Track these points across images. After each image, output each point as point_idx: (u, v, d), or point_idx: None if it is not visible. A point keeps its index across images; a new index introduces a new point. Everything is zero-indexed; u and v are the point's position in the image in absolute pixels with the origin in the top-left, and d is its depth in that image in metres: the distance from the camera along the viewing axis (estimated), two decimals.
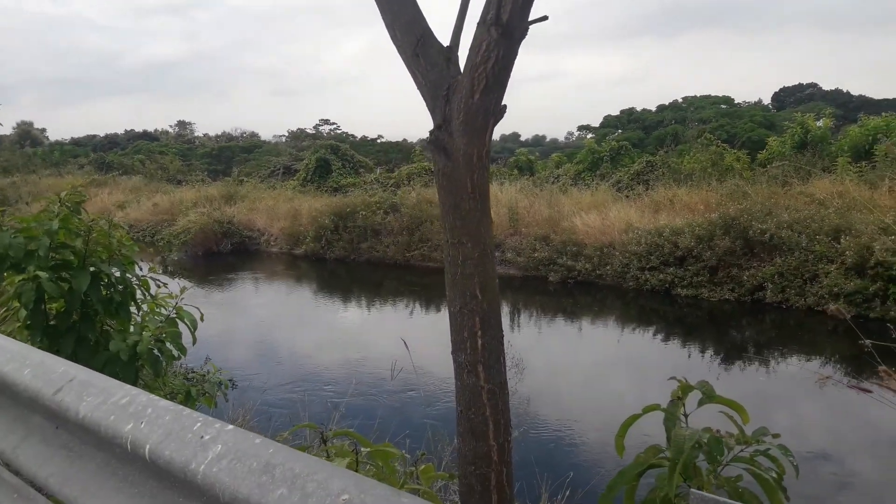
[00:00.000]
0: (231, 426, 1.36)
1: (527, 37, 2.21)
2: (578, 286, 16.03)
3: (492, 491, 2.12)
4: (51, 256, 4.29)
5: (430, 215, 19.44)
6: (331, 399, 7.28)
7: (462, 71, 2.27)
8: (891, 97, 54.14)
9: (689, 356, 11.08)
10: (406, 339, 4.70)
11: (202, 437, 1.34)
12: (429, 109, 2.36)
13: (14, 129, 55.35)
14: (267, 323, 13.84)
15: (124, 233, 4.78)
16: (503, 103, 2.30)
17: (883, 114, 25.13)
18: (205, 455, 1.29)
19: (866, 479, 6.66)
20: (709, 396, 2.01)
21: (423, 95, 2.38)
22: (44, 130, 73.35)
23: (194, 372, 7.29)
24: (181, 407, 1.48)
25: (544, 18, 2.24)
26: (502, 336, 2.20)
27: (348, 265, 20.09)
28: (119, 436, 1.49)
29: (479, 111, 2.18)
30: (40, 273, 4.07)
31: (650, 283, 14.96)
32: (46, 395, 1.73)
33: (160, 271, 5.25)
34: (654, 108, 54.49)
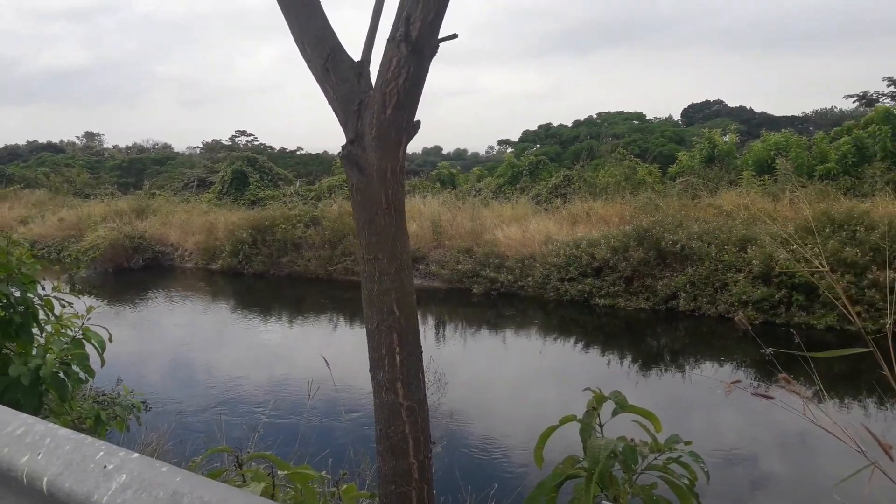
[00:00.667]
0: (136, 454, 1.30)
1: (443, 52, 2.23)
2: (501, 297, 16.24)
3: None
4: None
5: (352, 228, 19.27)
6: (249, 421, 7.07)
7: (373, 86, 2.27)
8: (790, 114, 57.62)
9: (608, 365, 11.38)
10: (327, 357, 4.59)
11: (105, 466, 1.27)
12: (341, 124, 2.35)
13: None
14: (182, 342, 13.36)
15: (25, 250, 4.53)
16: (417, 119, 2.31)
17: (783, 130, 26.75)
18: (108, 486, 1.23)
19: (774, 479, 7.01)
20: (622, 406, 2.06)
21: (334, 110, 2.36)
22: None
23: (105, 395, 6.97)
24: (83, 435, 1.40)
25: (454, 37, 2.27)
26: (421, 352, 2.19)
27: (268, 280, 19.67)
28: (14, 468, 1.40)
29: (392, 127, 2.18)
30: None
31: (570, 294, 15.32)
32: None
33: (67, 290, 4.97)
34: (570, 124, 55.92)
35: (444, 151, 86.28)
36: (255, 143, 68.13)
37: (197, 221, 23.02)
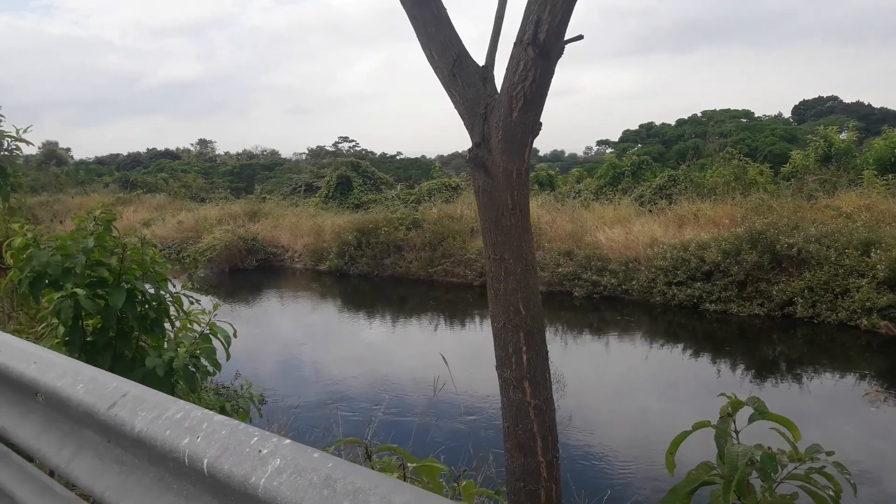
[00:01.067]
0: (288, 440, 1.36)
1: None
2: (604, 301, 15.91)
3: None
4: (87, 274, 4.35)
5: (451, 231, 19.47)
6: (364, 417, 7.22)
7: (498, 90, 2.28)
8: None
9: (722, 372, 10.93)
10: (436, 355, 4.66)
11: (260, 450, 1.34)
12: (467, 128, 2.38)
13: (40, 148, 56.35)
14: (295, 340, 13.90)
15: (157, 251, 4.84)
16: (539, 121, 2.31)
17: None
18: (264, 469, 1.30)
19: None
20: (761, 413, 1.98)
21: (460, 114, 2.39)
22: (68, 150, 74.60)
23: (226, 388, 7.34)
24: (236, 421, 1.48)
25: (580, 38, 2.25)
26: (547, 352, 2.19)
27: (372, 281, 20.14)
28: (176, 450, 1.50)
29: (518, 129, 2.19)
30: (78, 290, 4.12)
31: (678, 298, 14.81)
32: (101, 410, 1.74)
33: (190, 288, 5.29)
34: (673, 123, 54.24)
35: (542, 153, 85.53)
36: (357, 148, 70.13)
37: (305, 224, 23.87)
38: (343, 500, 1.16)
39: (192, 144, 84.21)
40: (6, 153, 7.37)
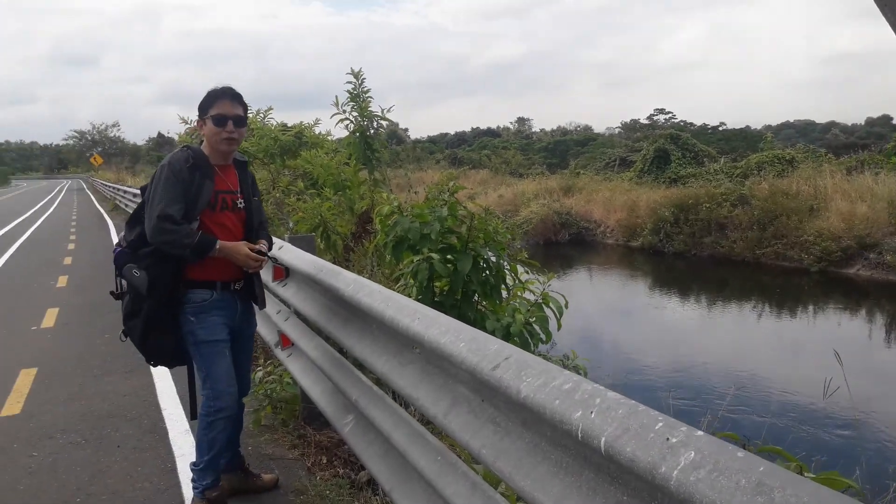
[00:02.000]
0: (700, 432, 1.23)
1: None
2: None
3: None
4: (439, 240, 4.73)
5: (785, 209, 17.57)
6: (700, 406, 6.74)
7: None
8: None
9: None
10: (757, 350, 4.11)
11: (668, 438, 1.23)
12: None
13: (384, 129, 64.15)
14: (612, 316, 13.78)
15: (499, 222, 5.09)
16: None
17: None
18: (675, 460, 1.18)
19: None
20: None
21: None
22: (406, 130, 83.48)
23: (544, 356, 7.52)
24: (633, 402, 1.40)
25: None
26: None
27: (688, 260, 19.12)
28: (567, 422, 1.46)
29: None
30: (433, 254, 4.50)
31: None
32: (484, 370, 1.80)
33: (524, 258, 5.46)
34: None
35: (895, 121, 72.66)
36: (674, 120, 67.02)
37: (619, 199, 23.55)
38: None
39: (510, 122, 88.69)
40: (373, 131, 8.42)
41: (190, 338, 3.13)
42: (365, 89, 8.37)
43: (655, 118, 70.11)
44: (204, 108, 3.09)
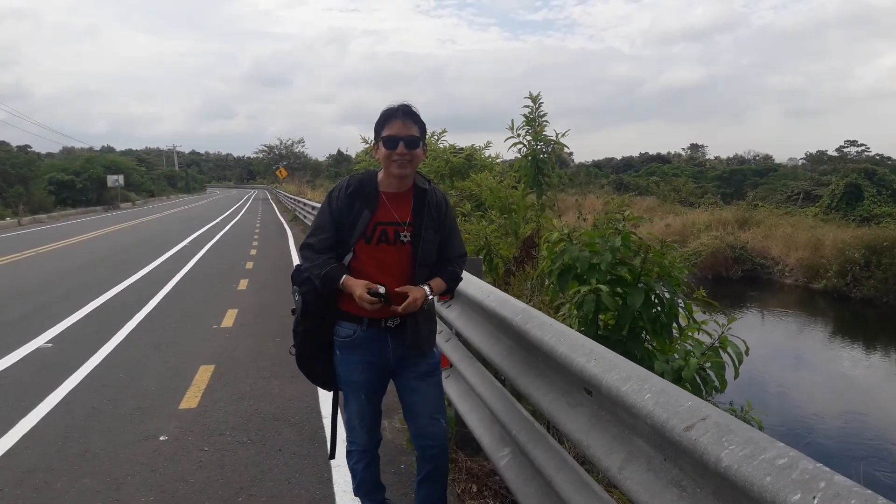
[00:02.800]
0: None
1: None
2: None
3: None
4: (609, 271, 4.50)
5: None
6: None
7: None
8: None
9: None
10: None
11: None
12: None
13: (555, 153, 63.93)
14: (789, 365, 12.60)
15: (678, 255, 4.77)
16: None
17: None
18: None
19: None
20: None
21: None
22: (571, 153, 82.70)
23: (715, 404, 6.96)
24: (871, 492, 1.15)
25: None
26: None
27: (880, 308, 17.13)
28: (779, 502, 1.24)
29: None
30: (601, 286, 4.28)
31: None
32: (675, 428, 1.60)
33: (702, 298, 5.07)
34: None
35: None
36: (867, 153, 61.11)
37: (802, 236, 21.68)
38: None
39: (683, 149, 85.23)
40: (546, 155, 8.34)
41: (335, 371, 3.06)
42: (542, 113, 8.33)
43: (846, 150, 64.27)
44: (377, 129, 2.85)
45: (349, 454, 3.21)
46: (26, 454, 4.51)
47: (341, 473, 4.09)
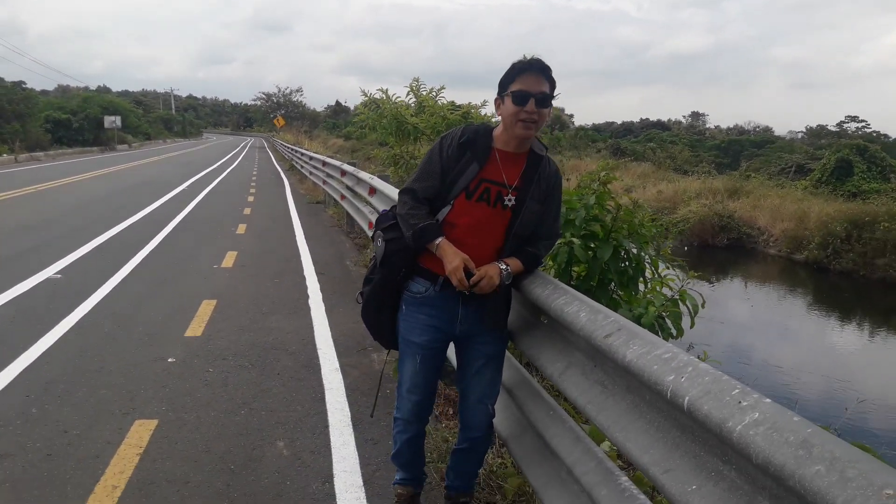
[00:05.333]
0: (768, 400, 1.44)
1: None
2: None
3: None
4: (583, 227, 4.94)
5: None
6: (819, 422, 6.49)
7: None
8: None
9: None
10: None
11: (740, 402, 1.45)
12: None
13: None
14: (751, 327, 13.22)
15: (648, 215, 5.21)
16: None
17: None
18: (741, 418, 1.40)
19: None
20: None
21: None
22: (571, 116, 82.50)
23: None
24: (719, 372, 1.62)
25: None
26: None
27: (855, 281, 17.69)
28: (660, 383, 1.70)
29: None
30: (574, 239, 4.74)
31: None
32: (598, 337, 2.07)
33: (668, 255, 5.54)
34: None
35: None
36: (867, 130, 61.37)
37: (789, 208, 22.15)
38: (817, 464, 1.20)
39: (683, 116, 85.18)
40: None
41: (397, 327, 2.88)
42: None
43: (846, 126, 64.47)
44: (504, 83, 2.59)
45: (395, 421, 2.97)
46: (47, 368, 4.98)
47: (334, 395, 4.61)
